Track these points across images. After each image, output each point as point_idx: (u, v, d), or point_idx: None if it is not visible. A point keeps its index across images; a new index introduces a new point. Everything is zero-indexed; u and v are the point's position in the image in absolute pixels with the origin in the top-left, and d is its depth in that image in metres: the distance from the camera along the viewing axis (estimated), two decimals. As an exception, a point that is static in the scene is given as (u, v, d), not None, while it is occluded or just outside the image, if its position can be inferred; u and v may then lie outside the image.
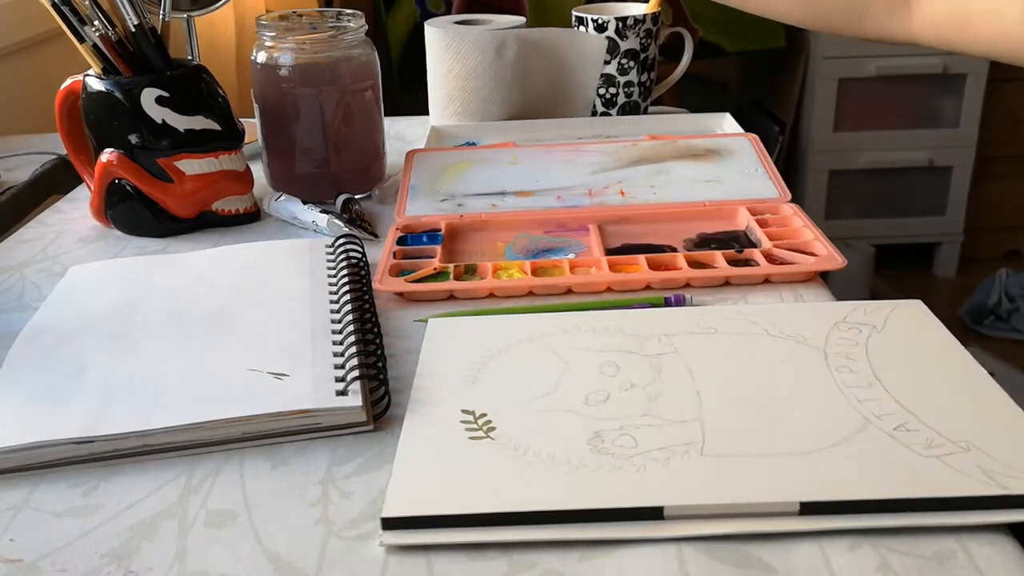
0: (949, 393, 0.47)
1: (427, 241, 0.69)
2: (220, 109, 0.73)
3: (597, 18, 0.96)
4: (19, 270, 0.69)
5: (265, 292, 0.59)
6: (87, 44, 0.71)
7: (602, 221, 0.71)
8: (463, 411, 0.47)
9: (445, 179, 0.77)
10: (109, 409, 0.47)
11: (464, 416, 0.47)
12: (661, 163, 0.78)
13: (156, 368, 0.51)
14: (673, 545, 0.39)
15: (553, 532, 0.39)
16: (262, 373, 0.50)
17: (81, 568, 0.39)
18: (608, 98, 1.00)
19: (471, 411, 0.47)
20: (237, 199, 0.75)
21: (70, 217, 0.80)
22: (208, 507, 0.42)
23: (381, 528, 0.40)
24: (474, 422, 0.46)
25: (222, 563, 0.39)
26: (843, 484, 0.40)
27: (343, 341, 0.52)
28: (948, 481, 0.40)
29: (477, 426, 0.46)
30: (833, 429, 0.44)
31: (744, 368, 0.50)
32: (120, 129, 0.71)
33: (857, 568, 0.37)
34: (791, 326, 0.53)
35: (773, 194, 0.73)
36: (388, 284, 0.62)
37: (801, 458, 0.42)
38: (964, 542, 0.38)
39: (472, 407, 0.47)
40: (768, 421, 0.45)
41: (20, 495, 0.44)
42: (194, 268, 0.64)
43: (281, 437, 0.47)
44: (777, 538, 0.39)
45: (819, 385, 0.48)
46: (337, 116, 0.77)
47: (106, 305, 0.59)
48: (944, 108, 2.25)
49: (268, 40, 0.76)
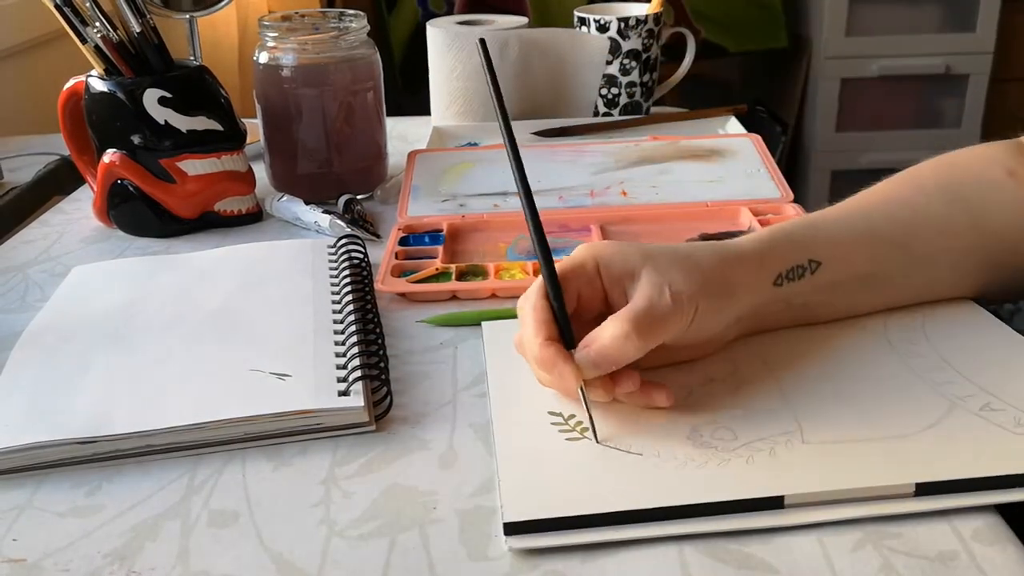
0: (1018, 373, 0.47)
1: (429, 241, 0.69)
2: (222, 110, 0.73)
3: (599, 18, 0.96)
4: (22, 270, 0.70)
5: (267, 292, 0.60)
6: (89, 45, 0.71)
7: (604, 222, 0.71)
8: (550, 412, 0.47)
9: (447, 179, 0.77)
10: (112, 409, 0.47)
11: (553, 418, 0.46)
12: (663, 163, 0.78)
13: (159, 368, 0.51)
14: (675, 546, 0.39)
15: (678, 527, 0.39)
16: (264, 373, 0.50)
17: (84, 568, 0.39)
18: (610, 98, 1.00)
19: (558, 412, 0.47)
20: (239, 199, 0.75)
21: (73, 218, 0.80)
22: (210, 507, 0.42)
23: (504, 533, 0.39)
24: (565, 423, 0.46)
25: (224, 563, 0.39)
26: (953, 464, 0.41)
27: (345, 341, 0.52)
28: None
29: (570, 427, 0.45)
30: (923, 412, 0.45)
31: (816, 356, 0.50)
32: (123, 130, 0.72)
33: (859, 568, 0.37)
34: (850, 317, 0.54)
35: (775, 194, 0.73)
36: (390, 284, 0.62)
37: (901, 441, 0.43)
38: (967, 543, 0.38)
39: (557, 408, 0.47)
40: (856, 407, 0.45)
41: (23, 495, 0.44)
42: (196, 268, 0.64)
43: (283, 437, 0.47)
44: (779, 538, 0.39)
45: (893, 370, 0.48)
46: (339, 116, 0.77)
47: (108, 305, 0.59)
48: (946, 108, 2.24)
49: (270, 41, 0.76)
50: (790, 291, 0.51)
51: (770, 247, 0.50)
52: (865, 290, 0.53)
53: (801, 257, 0.51)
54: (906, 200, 0.54)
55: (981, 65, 2.17)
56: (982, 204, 0.54)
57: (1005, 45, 2.17)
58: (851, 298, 0.53)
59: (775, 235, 0.52)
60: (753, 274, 0.49)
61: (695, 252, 0.48)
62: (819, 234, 0.52)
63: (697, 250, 0.49)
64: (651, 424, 0.45)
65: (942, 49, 2.16)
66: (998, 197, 0.54)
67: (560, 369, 0.44)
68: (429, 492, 0.43)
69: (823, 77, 2.17)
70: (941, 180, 0.55)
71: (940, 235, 0.53)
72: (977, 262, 0.54)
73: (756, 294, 0.50)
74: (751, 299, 0.50)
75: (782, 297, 0.51)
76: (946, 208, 0.54)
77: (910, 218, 0.53)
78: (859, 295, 0.53)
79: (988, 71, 2.18)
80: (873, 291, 0.54)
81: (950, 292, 0.55)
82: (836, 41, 2.14)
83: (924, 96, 2.24)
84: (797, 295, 0.51)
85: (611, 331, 0.44)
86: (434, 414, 0.49)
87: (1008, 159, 0.55)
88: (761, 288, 0.50)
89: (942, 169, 0.56)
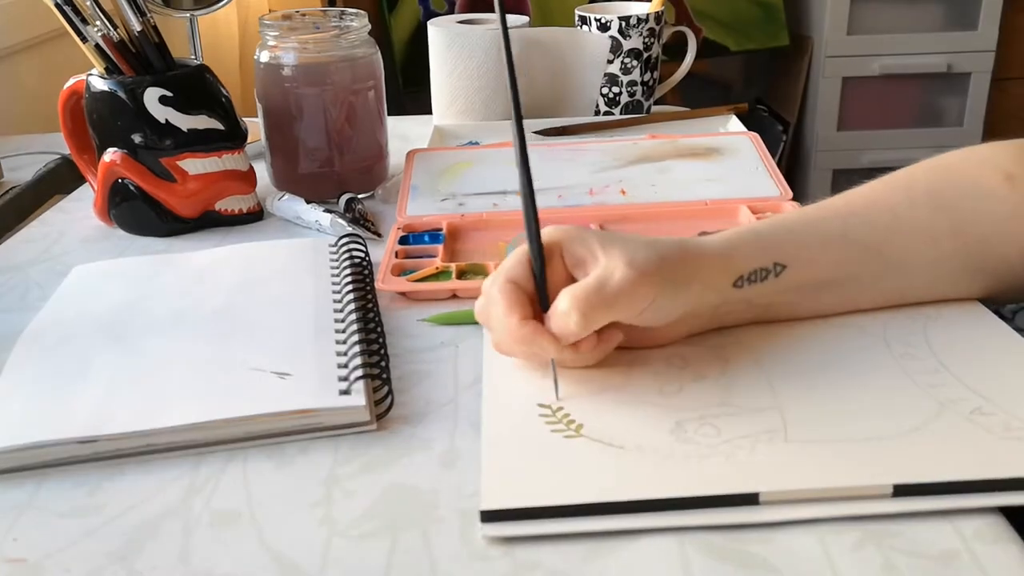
0: (1016, 377, 0.47)
1: (429, 240, 0.69)
2: (223, 109, 0.73)
3: (600, 17, 0.96)
4: (23, 270, 0.70)
5: (268, 292, 0.60)
6: (90, 44, 0.71)
7: (603, 220, 0.71)
8: (539, 404, 0.47)
9: (446, 179, 0.77)
10: (113, 409, 0.47)
11: (541, 410, 0.47)
12: (662, 162, 0.78)
13: (159, 368, 0.51)
14: (676, 545, 0.39)
15: (651, 520, 0.39)
16: (265, 372, 0.50)
17: (85, 568, 0.39)
18: (611, 97, 1.00)
19: (547, 404, 0.47)
20: (240, 199, 0.75)
21: (73, 217, 0.80)
22: (211, 507, 0.42)
23: (480, 521, 0.40)
24: (552, 415, 0.46)
25: (225, 563, 0.39)
26: (932, 466, 0.41)
27: (346, 340, 0.52)
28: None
29: (556, 419, 0.46)
30: (910, 414, 0.45)
31: (811, 357, 0.50)
32: (123, 129, 0.72)
33: (860, 568, 0.37)
34: (849, 316, 0.54)
35: (774, 192, 0.73)
36: (390, 284, 0.62)
37: (884, 443, 0.43)
38: (968, 543, 0.38)
39: (546, 401, 0.47)
40: (844, 408, 0.46)
41: (24, 494, 0.44)
42: (197, 268, 0.64)
43: (284, 436, 0.47)
44: (780, 538, 0.39)
45: (887, 372, 0.49)
46: (340, 116, 0.77)
47: (109, 305, 0.59)
48: (948, 107, 2.24)
49: (271, 40, 0.76)
50: (752, 292, 0.51)
51: (735, 247, 0.51)
52: (832, 293, 0.53)
53: (766, 260, 0.51)
54: (890, 205, 0.54)
55: (983, 63, 2.17)
56: (969, 211, 0.54)
57: (1007, 43, 2.17)
58: (817, 300, 0.53)
59: (743, 235, 0.52)
60: (713, 272, 0.50)
61: (658, 240, 0.49)
62: (789, 236, 0.52)
63: (661, 239, 0.50)
64: (636, 418, 0.46)
65: (944, 48, 2.15)
66: (987, 205, 0.53)
67: (540, 344, 0.46)
68: (430, 491, 0.43)
69: (824, 76, 2.17)
70: (932, 185, 0.55)
71: (917, 241, 0.53)
72: (954, 268, 0.54)
73: (714, 292, 0.50)
74: (709, 297, 0.50)
75: (743, 298, 0.51)
76: (930, 214, 0.53)
77: (889, 222, 0.53)
78: (825, 297, 0.53)
79: (990, 69, 2.18)
80: (841, 294, 0.53)
81: (925, 296, 0.55)
82: (837, 40, 2.13)
83: (926, 95, 2.24)
84: (760, 296, 0.51)
85: (559, 307, 0.46)
86: (435, 413, 0.49)
87: (1007, 162, 0.55)
88: (720, 287, 0.50)
89: (935, 173, 0.56)
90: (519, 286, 0.48)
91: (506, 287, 0.48)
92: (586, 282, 0.46)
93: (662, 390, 0.48)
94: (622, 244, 0.48)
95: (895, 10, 2.14)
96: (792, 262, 0.51)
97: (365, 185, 0.81)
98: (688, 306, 0.49)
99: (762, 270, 0.50)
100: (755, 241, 0.51)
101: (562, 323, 0.46)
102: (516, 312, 0.47)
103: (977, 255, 0.54)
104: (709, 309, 0.51)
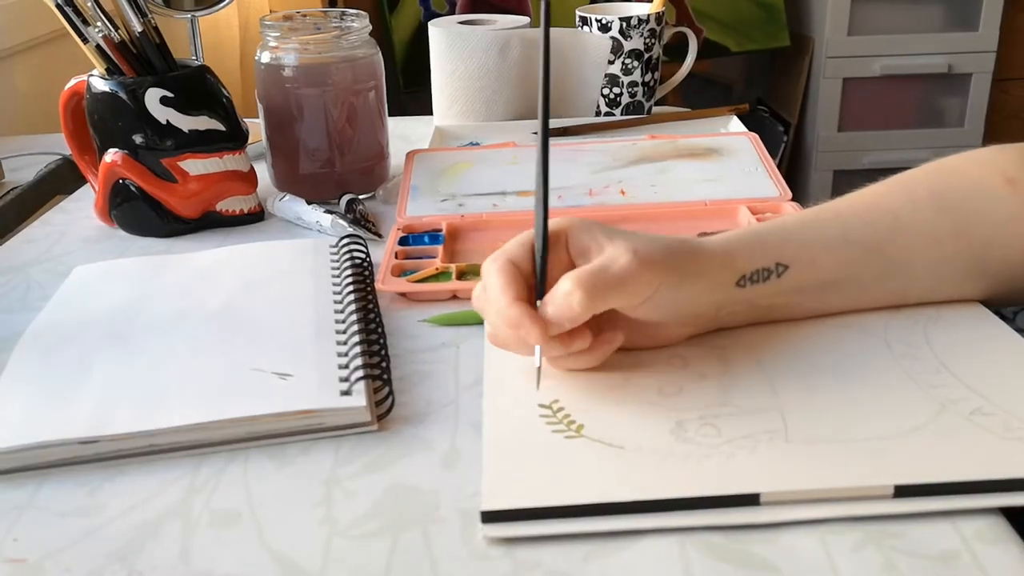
0: (1016, 377, 0.47)
1: (428, 241, 0.69)
2: (224, 109, 0.73)
3: (601, 18, 0.96)
4: (24, 270, 0.70)
5: (269, 292, 0.60)
6: (91, 45, 0.71)
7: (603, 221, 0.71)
8: (540, 405, 0.47)
9: (446, 179, 0.77)
10: (114, 409, 0.47)
11: (542, 410, 0.47)
12: (662, 162, 0.78)
13: (160, 368, 0.51)
14: (677, 545, 0.39)
15: (652, 520, 0.39)
16: (266, 373, 0.50)
17: (85, 568, 0.39)
18: (612, 98, 1.00)
19: (548, 405, 0.47)
20: (241, 199, 0.75)
21: (74, 217, 0.80)
22: (212, 507, 0.42)
23: (481, 521, 0.40)
24: (553, 415, 0.46)
25: (226, 563, 0.39)
26: (933, 467, 0.41)
27: (347, 341, 0.52)
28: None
29: (557, 419, 0.46)
30: (911, 415, 0.45)
31: (811, 357, 0.50)
32: (124, 129, 0.72)
33: (861, 568, 0.37)
34: (850, 316, 0.54)
35: (774, 193, 0.73)
36: (390, 284, 0.62)
37: (885, 443, 0.43)
38: (969, 543, 0.38)
39: (547, 401, 0.47)
40: (845, 408, 0.45)
41: (25, 495, 0.44)
42: (198, 268, 0.64)
43: (285, 437, 0.47)
44: (781, 538, 0.39)
45: (887, 372, 0.48)
46: (341, 116, 0.77)
47: (110, 305, 0.59)
48: (949, 107, 2.24)
49: (272, 40, 0.76)
50: (754, 292, 0.51)
51: (738, 247, 0.51)
52: (834, 293, 0.53)
53: (768, 260, 0.51)
54: (892, 207, 0.54)
55: (984, 64, 2.17)
56: (972, 213, 0.54)
57: (1008, 44, 2.17)
58: (819, 300, 0.53)
59: (745, 236, 0.52)
60: (716, 271, 0.50)
61: (662, 236, 0.50)
62: (791, 236, 0.52)
63: (665, 236, 0.50)
64: (636, 418, 0.46)
65: (944, 48, 2.15)
66: (990, 207, 0.54)
67: (527, 327, 0.45)
68: (431, 492, 0.43)
69: (825, 76, 2.17)
70: (934, 187, 0.55)
71: (920, 242, 0.53)
72: (956, 270, 0.54)
73: (717, 291, 0.50)
74: (712, 295, 0.50)
75: (745, 298, 0.51)
76: (932, 216, 0.53)
77: (891, 224, 0.53)
78: (828, 298, 0.53)
79: (991, 70, 2.18)
80: (843, 295, 0.53)
81: (927, 298, 0.55)
82: (838, 40, 2.14)
83: (926, 95, 2.24)
84: (762, 296, 0.51)
85: (561, 288, 0.46)
86: (436, 414, 0.49)
87: (1009, 166, 0.55)
88: (723, 286, 0.50)
89: (938, 176, 0.56)
90: (518, 268, 0.47)
91: (506, 266, 0.47)
92: (590, 265, 0.46)
93: (662, 390, 0.48)
94: (627, 235, 0.48)
95: (896, 11, 2.14)
96: (794, 262, 0.51)
97: (366, 186, 0.81)
98: (690, 302, 0.49)
99: (764, 270, 0.50)
100: (757, 241, 0.51)
101: (564, 304, 0.45)
102: (510, 291, 0.46)
103: (979, 257, 0.54)
104: (712, 309, 0.51)
